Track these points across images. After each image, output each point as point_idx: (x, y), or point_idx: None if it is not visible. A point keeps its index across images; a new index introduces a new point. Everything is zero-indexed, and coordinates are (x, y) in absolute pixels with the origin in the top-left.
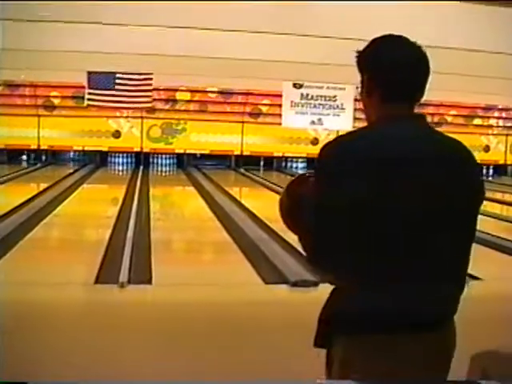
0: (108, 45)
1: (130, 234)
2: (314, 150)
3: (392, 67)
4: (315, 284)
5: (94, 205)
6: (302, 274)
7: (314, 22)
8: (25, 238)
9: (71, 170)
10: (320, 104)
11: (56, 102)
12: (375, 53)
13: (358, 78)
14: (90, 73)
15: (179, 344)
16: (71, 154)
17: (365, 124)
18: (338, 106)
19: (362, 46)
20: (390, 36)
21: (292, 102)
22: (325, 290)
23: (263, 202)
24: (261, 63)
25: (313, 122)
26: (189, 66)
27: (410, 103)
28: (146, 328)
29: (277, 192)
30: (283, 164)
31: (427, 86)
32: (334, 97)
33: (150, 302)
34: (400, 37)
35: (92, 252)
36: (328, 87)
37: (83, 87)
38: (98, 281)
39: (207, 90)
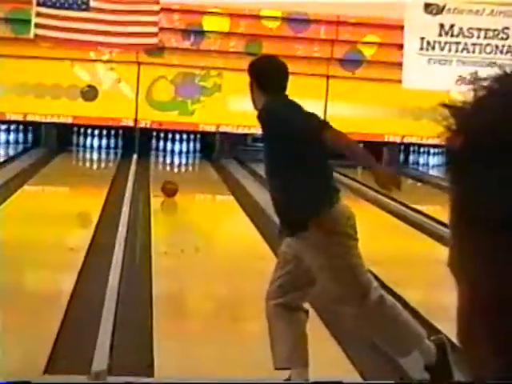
0: None
1: (112, 282)
2: None
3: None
4: None
5: (45, 225)
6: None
7: None
8: None
9: (0, 159)
10: (476, 45)
11: None
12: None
13: None
14: None
15: None
16: (1, 127)
17: None
18: (510, 48)
19: None
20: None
21: (422, 39)
22: None
23: (366, 226)
24: None
25: (461, 79)
26: None
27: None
28: None
29: (393, 212)
30: (401, 156)
31: None
32: (505, 30)
33: None
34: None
35: (42, 317)
36: (492, 12)
37: (28, 2)
38: (48, 370)
39: (262, 13)
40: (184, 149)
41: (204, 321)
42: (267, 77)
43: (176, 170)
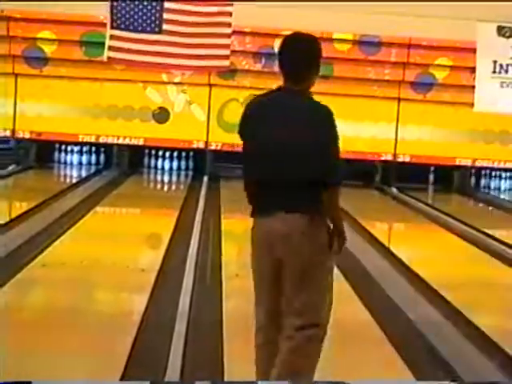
0: None
1: (182, 304)
2: None
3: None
4: None
5: (116, 247)
6: None
7: None
8: None
9: (73, 180)
10: None
11: (47, 50)
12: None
13: None
14: None
15: None
16: (74, 148)
17: None
18: None
19: None
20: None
21: (495, 63)
22: None
23: (438, 253)
24: None
25: None
26: None
27: (292, 81)
28: None
29: (466, 238)
30: (473, 180)
31: None
32: None
33: None
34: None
35: (113, 338)
36: None
37: (101, 24)
38: None
39: (334, 36)
40: None
41: None
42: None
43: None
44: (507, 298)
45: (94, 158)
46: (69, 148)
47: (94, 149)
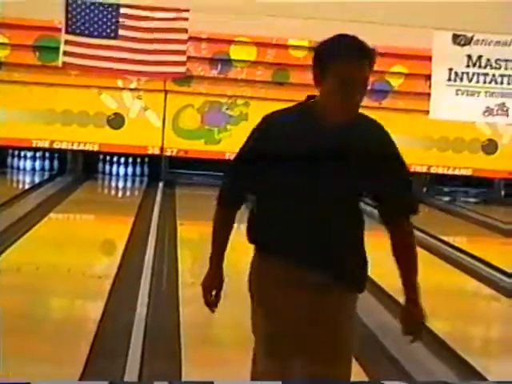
0: None
1: (140, 310)
2: (486, 163)
3: None
4: None
5: (72, 253)
6: None
7: None
8: None
9: (27, 186)
10: (504, 76)
11: (0, 54)
12: None
13: None
14: (69, 2)
15: None
16: (28, 154)
17: None
18: None
19: None
20: None
21: (450, 71)
22: None
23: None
24: None
25: (489, 111)
26: None
27: None
28: None
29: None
30: (424, 188)
31: None
32: None
33: None
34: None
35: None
36: None
37: (57, 29)
38: None
39: (289, 43)
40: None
41: (230, 347)
42: None
43: (205, 196)
44: (459, 303)
45: (47, 163)
46: (22, 153)
47: (47, 154)
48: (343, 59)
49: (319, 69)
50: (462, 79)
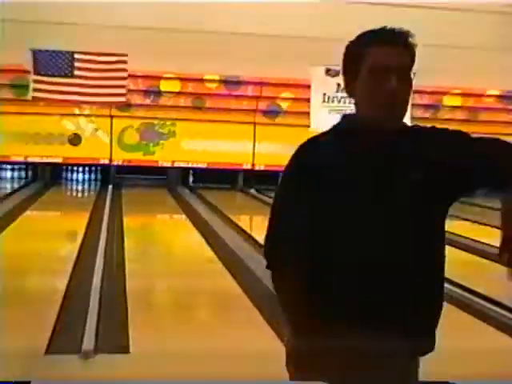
0: (63, 13)
1: (96, 282)
2: None
3: None
4: None
5: (42, 241)
6: None
7: None
8: None
9: (7, 191)
10: None
11: None
12: None
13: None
14: (35, 51)
15: None
16: (7, 166)
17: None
18: None
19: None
20: None
21: (324, 95)
22: None
23: None
24: (279, 40)
25: None
26: (178, 43)
27: None
28: None
29: None
30: None
31: None
32: None
33: (125, 378)
34: None
35: (39, 310)
36: None
37: (26, 72)
38: (49, 350)
39: (204, 77)
40: (148, 181)
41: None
42: None
43: (143, 196)
44: None
45: (23, 173)
46: (3, 166)
47: (23, 166)
48: (379, 43)
49: (354, 62)
50: (333, 101)
